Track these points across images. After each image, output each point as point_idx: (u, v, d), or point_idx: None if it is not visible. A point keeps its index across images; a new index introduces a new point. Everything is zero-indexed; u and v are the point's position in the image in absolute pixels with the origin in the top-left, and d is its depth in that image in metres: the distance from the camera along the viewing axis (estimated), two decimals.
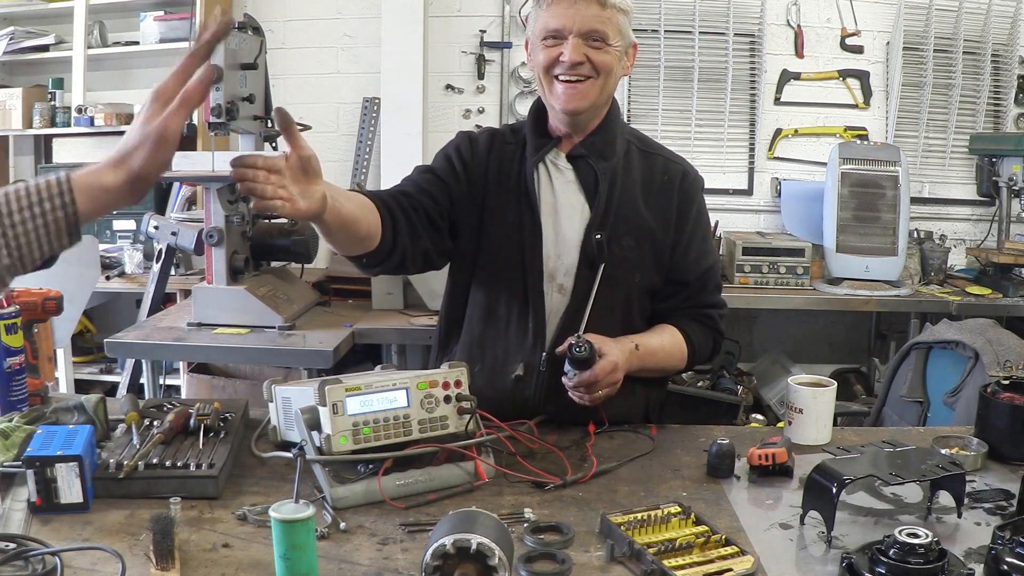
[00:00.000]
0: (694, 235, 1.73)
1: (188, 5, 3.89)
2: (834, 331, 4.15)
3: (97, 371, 3.93)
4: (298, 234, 2.81)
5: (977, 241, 4.06)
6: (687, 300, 1.75)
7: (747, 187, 4.15)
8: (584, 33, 1.57)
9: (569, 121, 1.66)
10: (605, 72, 1.61)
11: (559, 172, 1.70)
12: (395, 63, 3.97)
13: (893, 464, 1.28)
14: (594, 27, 1.57)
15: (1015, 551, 1.04)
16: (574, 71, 1.59)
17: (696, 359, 1.76)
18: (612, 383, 1.56)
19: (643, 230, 1.68)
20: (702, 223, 1.76)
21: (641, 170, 1.71)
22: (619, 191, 1.67)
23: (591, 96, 1.61)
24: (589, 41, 1.58)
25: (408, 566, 1.12)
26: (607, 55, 1.59)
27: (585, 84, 1.60)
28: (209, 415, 1.49)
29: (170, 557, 1.08)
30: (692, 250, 1.72)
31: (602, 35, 1.58)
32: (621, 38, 1.61)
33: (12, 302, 1.57)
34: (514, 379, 1.66)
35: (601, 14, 1.57)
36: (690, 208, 1.72)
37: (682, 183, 1.72)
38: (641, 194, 1.69)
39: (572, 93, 1.60)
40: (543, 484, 1.39)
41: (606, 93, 1.65)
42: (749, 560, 1.12)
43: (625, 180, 1.68)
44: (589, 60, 1.58)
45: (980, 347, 2.07)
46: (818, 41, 4.05)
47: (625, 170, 1.69)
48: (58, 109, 4.08)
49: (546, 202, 1.69)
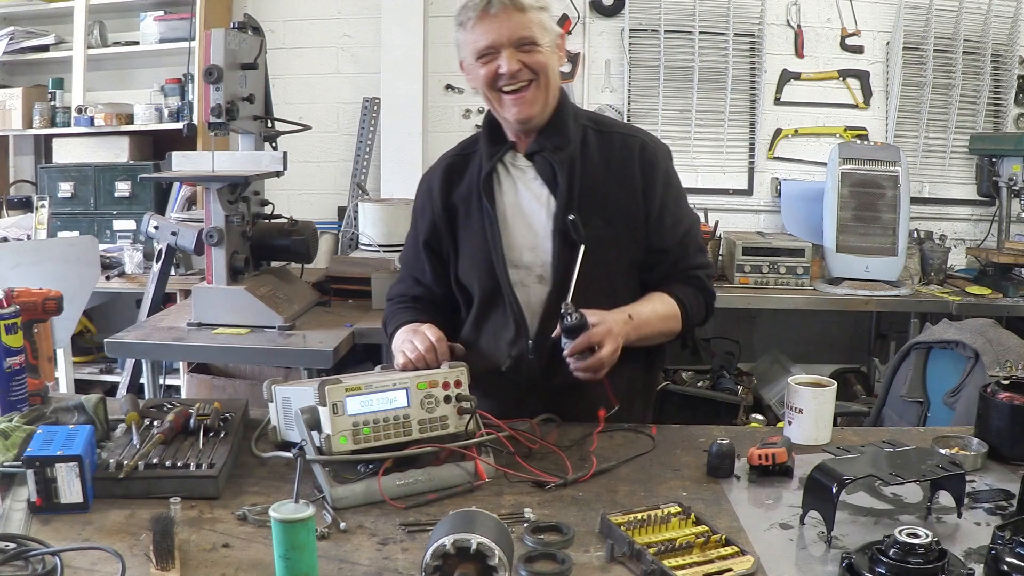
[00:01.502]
0: (665, 202, 1.74)
1: (188, 5, 3.89)
2: (834, 331, 4.15)
3: (97, 371, 3.94)
4: (298, 234, 2.81)
5: (977, 241, 4.06)
6: (672, 266, 1.77)
7: (747, 187, 4.15)
8: (514, 42, 1.63)
9: (524, 129, 1.72)
10: (543, 71, 1.66)
11: (520, 171, 1.75)
12: (395, 63, 3.98)
13: (893, 464, 1.28)
14: (521, 34, 1.63)
15: (1015, 551, 1.04)
16: (515, 79, 1.64)
17: (690, 320, 1.76)
18: (611, 351, 1.55)
19: (611, 208, 1.71)
20: (672, 189, 1.77)
21: (600, 151, 1.74)
22: (580, 176, 1.71)
23: (539, 100, 1.68)
24: (520, 48, 1.64)
25: (408, 566, 1.12)
26: (540, 55, 1.65)
27: (530, 89, 1.66)
28: (209, 415, 1.49)
29: (170, 557, 1.08)
30: (666, 217, 1.75)
31: (530, 39, 1.64)
32: (547, 34, 1.67)
33: (12, 302, 1.57)
34: (504, 370, 1.70)
35: (524, 19, 1.63)
36: (654, 177, 1.74)
37: (642, 154, 1.74)
38: (604, 174, 1.73)
39: (521, 102, 1.66)
40: (543, 483, 1.39)
41: (552, 90, 1.70)
42: (749, 560, 1.12)
43: (585, 165, 1.72)
44: (525, 65, 1.64)
45: (980, 347, 2.07)
46: (818, 41, 4.06)
47: (584, 155, 1.73)
48: (58, 109, 4.09)
49: (510, 202, 1.74)
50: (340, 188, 4.19)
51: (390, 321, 1.82)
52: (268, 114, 2.86)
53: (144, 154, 4.09)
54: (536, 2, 1.65)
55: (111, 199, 3.94)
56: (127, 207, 3.93)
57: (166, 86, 4.06)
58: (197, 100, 3.83)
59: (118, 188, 3.92)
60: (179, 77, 4.04)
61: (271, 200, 2.93)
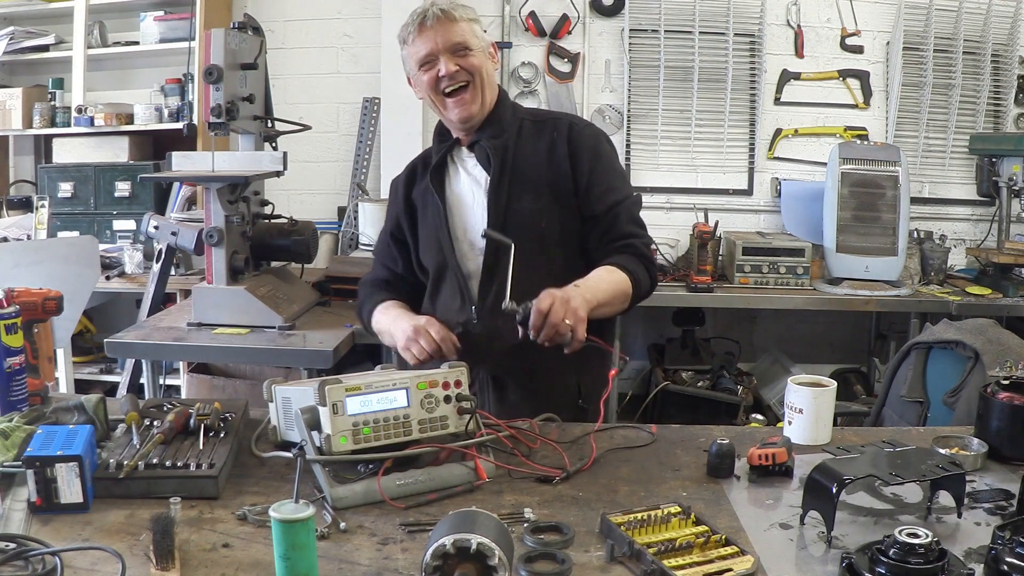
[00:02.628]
0: (593, 174, 1.89)
1: (188, 5, 3.89)
2: (834, 331, 4.15)
3: (97, 371, 3.94)
4: (298, 234, 2.81)
5: (977, 241, 4.06)
6: (603, 235, 1.88)
7: (747, 187, 4.15)
8: (448, 48, 1.82)
9: (464, 128, 1.90)
10: (477, 72, 1.84)
11: (462, 161, 1.95)
12: (395, 63, 3.93)
13: (893, 464, 1.28)
14: (454, 40, 1.82)
15: (1015, 551, 1.04)
16: (454, 80, 1.83)
17: (638, 285, 1.83)
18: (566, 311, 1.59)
19: (539, 183, 1.88)
20: (601, 163, 1.91)
21: (533, 137, 1.92)
22: (512, 159, 1.88)
23: (477, 99, 1.85)
24: (455, 53, 1.82)
25: (408, 566, 1.12)
26: (474, 58, 1.84)
27: (468, 90, 1.84)
28: (209, 415, 1.49)
29: (170, 557, 1.08)
30: (594, 187, 1.88)
31: (463, 44, 1.83)
32: (479, 41, 1.86)
33: (12, 302, 1.57)
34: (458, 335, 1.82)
35: (456, 28, 1.82)
36: (581, 151, 1.89)
37: (570, 133, 1.91)
38: (534, 154, 1.90)
39: (461, 104, 1.85)
40: (546, 479, 1.40)
41: (488, 90, 1.88)
42: (749, 560, 1.12)
43: (518, 148, 1.90)
44: (462, 68, 1.83)
45: (980, 347, 2.07)
46: (818, 41, 4.06)
47: (516, 141, 1.91)
48: (58, 109, 4.09)
49: (454, 192, 1.94)
50: (340, 188, 4.19)
51: (366, 301, 2.01)
52: (268, 114, 2.87)
53: (144, 154, 4.09)
54: (466, 14, 1.86)
55: (111, 199, 3.94)
56: (127, 207, 3.93)
57: (166, 86, 4.06)
58: (197, 100, 3.83)
59: (118, 188, 3.92)
60: (179, 77, 4.04)
61: (271, 200, 2.93)
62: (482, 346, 1.84)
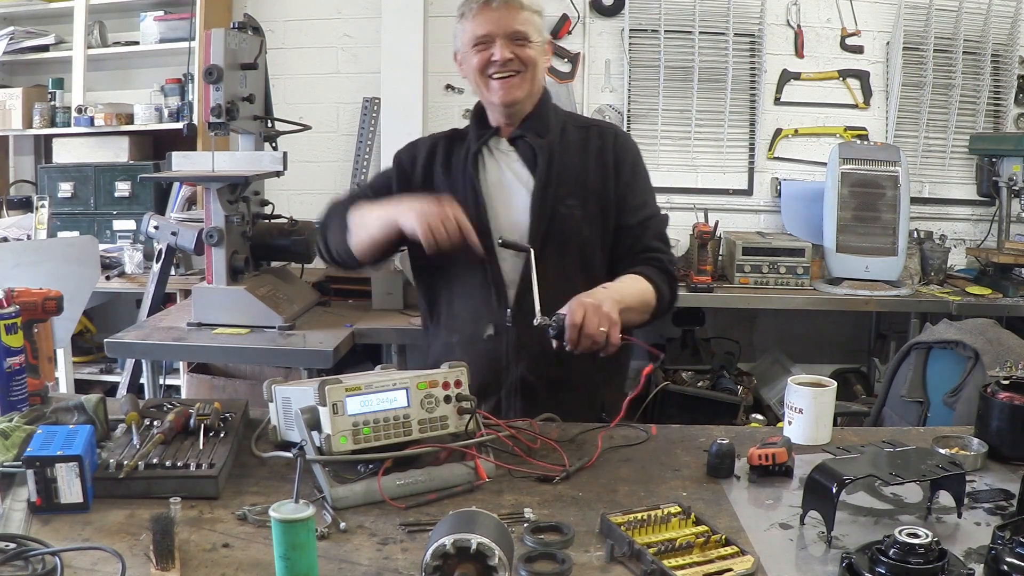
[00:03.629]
0: (631, 185, 1.89)
1: (188, 5, 3.88)
2: (834, 331, 4.15)
3: (97, 371, 3.93)
4: (298, 234, 2.81)
5: (977, 241, 4.06)
6: (632, 244, 1.87)
7: (747, 187, 4.15)
8: (508, 35, 1.78)
9: (506, 112, 1.85)
10: (532, 65, 1.81)
11: (502, 154, 1.90)
12: (395, 63, 3.97)
13: (893, 464, 1.28)
14: (516, 28, 1.78)
15: (1015, 551, 1.04)
16: (505, 68, 1.79)
17: (661, 298, 1.81)
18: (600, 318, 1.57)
19: (586, 190, 1.85)
20: (639, 176, 1.92)
21: (578, 141, 1.90)
22: (558, 161, 1.85)
23: (524, 87, 1.82)
24: (514, 41, 1.79)
25: (408, 566, 1.12)
26: (531, 50, 1.81)
27: (517, 78, 1.80)
28: (209, 415, 1.49)
29: (170, 557, 1.08)
30: (630, 198, 1.89)
31: (524, 35, 1.79)
32: (539, 35, 1.83)
33: (12, 302, 1.57)
34: (487, 339, 1.79)
35: (521, 16, 1.79)
36: (624, 161, 1.90)
37: (615, 142, 1.91)
38: (581, 160, 1.88)
39: (507, 87, 1.80)
40: (547, 478, 1.40)
41: (536, 84, 1.85)
42: (749, 560, 1.12)
43: (563, 151, 1.87)
44: (517, 57, 1.79)
45: (980, 347, 2.07)
46: (818, 41, 4.05)
47: (562, 143, 1.88)
48: (58, 109, 4.08)
49: (493, 181, 1.87)
50: (340, 188, 4.18)
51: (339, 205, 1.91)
52: (268, 114, 2.87)
53: (144, 154, 4.09)
54: (533, 4, 1.82)
55: (111, 199, 3.94)
56: (127, 207, 3.92)
57: (166, 86, 4.06)
58: (197, 100, 3.83)
59: (118, 188, 3.91)
60: (179, 77, 4.03)
61: (271, 200, 2.93)
62: (513, 351, 1.81)
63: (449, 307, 1.90)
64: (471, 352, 1.79)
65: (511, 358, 1.81)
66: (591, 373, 1.80)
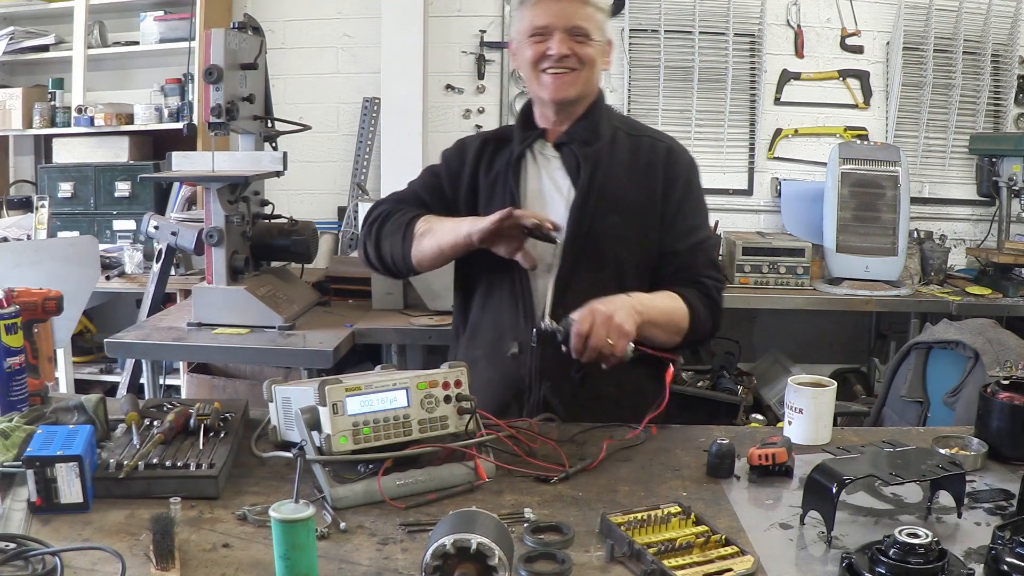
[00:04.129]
0: (681, 207, 1.77)
1: (188, 5, 3.89)
2: (834, 331, 4.15)
3: (97, 371, 3.93)
4: (298, 234, 2.81)
5: (977, 241, 4.06)
6: (679, 270, 1.76)
7: (747, 187, 4.15)
8: (569, 29, 1.68)
9: (557, 110, 1.75)
10: (589, 64, 1.72)
11: (545, 160, 1.79)
12: (395, 63, 3.97)
13: (893, 464, 1.28)
14: (578, 23, 1.68)
15: (1015, 551, 1.04)
16: (561, 63, 1.69)
17: (698, 324, 1.72)
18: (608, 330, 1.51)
19: (629, 208, 1.74)
20: (691, 197, 1.80)
21: (628, 152, 1.78)
22: (603, 173, 1.74)
23: (577, 85, 1.72)
24: (573, 36, 1.69)
25: (408, 566, 1.12)
26: (590, 48, 1.71)
27: (571, 75, 1.71)
28: (209, 415, 1.49)
29: (170, 557, 1.08)
30: (680, 222, 1.77)
31: (585, 31, 1.69)
32: (601, 34, 1.73)
33: (12, 302, 1.57)
34: (511, 357, 1.71)
35: (584, 11, 1.69)
36: (675, 182, 1.77)
37: (667, 159, 1.78)
38: (627, 174, 1.76)
39: (559, 83, 1.70)
40: (546, 478, 1.40)
41: (591, 84, 1.75)
42: (749, 560, 1.12)
43: (610, 162, 1.75)
44: (574, 53, 1.69)
45: (980, 347, 2.07)
46: (818, 41, 4.06)
47: (611, 153, 1.76)
48: (58, 109, 4.09)
49: (532, 188, 1.78)
50: (340, 188, 4.19)
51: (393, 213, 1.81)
52: (268, 114, 2.87)
53: (144, 154, 4.09)
54: (598, 2, 1.72)
55: (111, 199, 3.94)
56: (127, 207, 3.93)
57: (166, 86, 4.06)
58: (197, 100, 3.83)
59: (118, 188, 3.92)
60: (179, 77, 4.04)
61: (271, 200, 2.93)
62: (536, 372, 1.72)
63: (478, 320, 1.82)
64: (494, 368, 1.75)
65: (534, 379, 1.73)
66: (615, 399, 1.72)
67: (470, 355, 1.80)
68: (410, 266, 1.78)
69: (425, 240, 1.73)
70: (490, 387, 1.73)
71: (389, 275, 1.89)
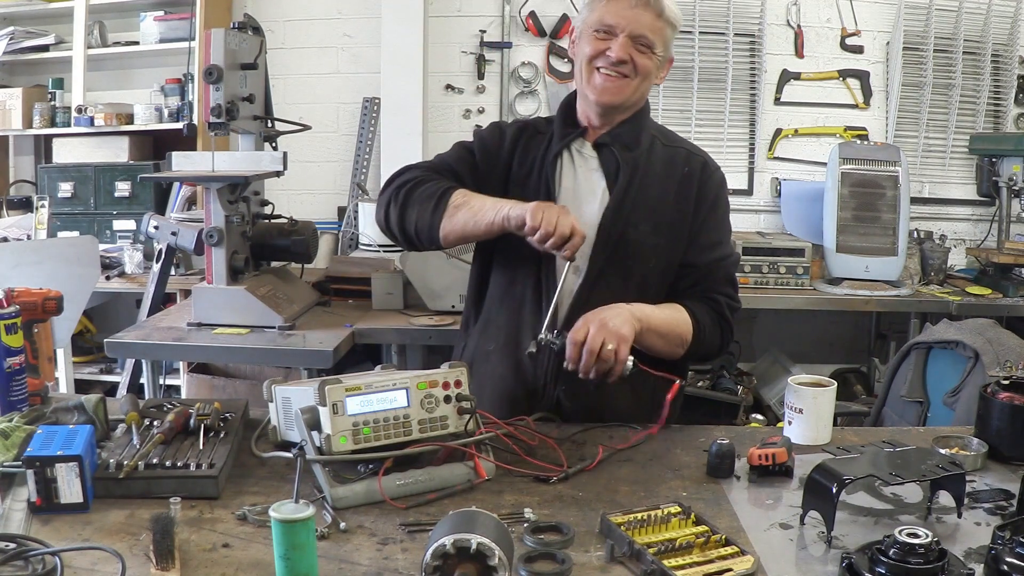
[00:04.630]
0: (707, 221, 1.76)
1: (188, 5, 3.89)
2: (834, 331, 4.15)
3: (97, 371, 3.93)
4: (298, 234, 2.81)
5: (977, 241, 4.06)
6: (695, 284, 1.75)
7: (747, 187, 4.15)
8: (635, 36, 1.65)
9: (600, 112, 1.73)
10: (644, 74, 1.69)
11: (583, 159, 1.77)
12: (395, 63, 3.98)
13: (893, 464, 1.28)
14: (645, 33, 1.65)
15: (1015, 551, 1.04)
16: (616, 68, 1.66)
17: (703, 338, 1.70)
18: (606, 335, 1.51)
19: (662, 217, 1.72)
20: (717, 213, 1.79)
21: (663, 162, 1.76)
22: (639, 180, 1.72)
23: (626, 93, 1.69)
24: (637, 44, 1.66)
25: (408, 566, 1.12)
26: (650, 60, 1.68)
27: (623, 81, 1.68)
28: (209, 415, 1.49)
29: (170, 557, 1.08)
30: (703, 236, 1.75)
31: (650, 42, 1.66)
32: (664, 49, 1.70)
33: (12, 302, 1.57)
34: (527, 356, 1.67)
35: (655, 23, 1.66)
36: (707, 196, 1.77)
37: (702, 173, 1.78)
38: (662, 184, 1.74)
39: (609, 87, 1.68)
40: (545, 478, 1.40)
41: (639, 93, 1.72)
42: (749, 560, 1.12)
43: (647, 170, 1.74)
44: (633, 61, 1.66)
45: (980, 347, 2.07)
46: (818, 41, 4.06)
47: (647, 161, 1.75)
48: (58, 109, 4.09)
49: (566, 187, 1.75)
50: (340, 188, 4.19)
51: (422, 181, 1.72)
52: (268, 114, 2.87)
53: (144, 154, 4.09)
54: (672, 18, 1.69)
55: (111, 199, 3.94)
56: (127, 207, 3.93)
57: (166, 86, 4.06)
58: (197, 100, 3.83)
59: (118, 188, 3.92)
60: (179, 77, 4.04)
61: (271, 200, 2.93)
62: (552, 374, 1.70)
63: (495, 312, 1.78)
64: (507, 364, 1.73)
65: (549, 380, 1.71)
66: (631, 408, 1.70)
67: (483, 349, 1.78)
68: (435, 237, 1.69)
69: (461, 213, 1.66)
70: (503, 383, 1.73)
71: (404, 243, 1.78)
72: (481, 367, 1.75)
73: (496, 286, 1.79)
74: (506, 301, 1.76)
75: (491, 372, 1.74)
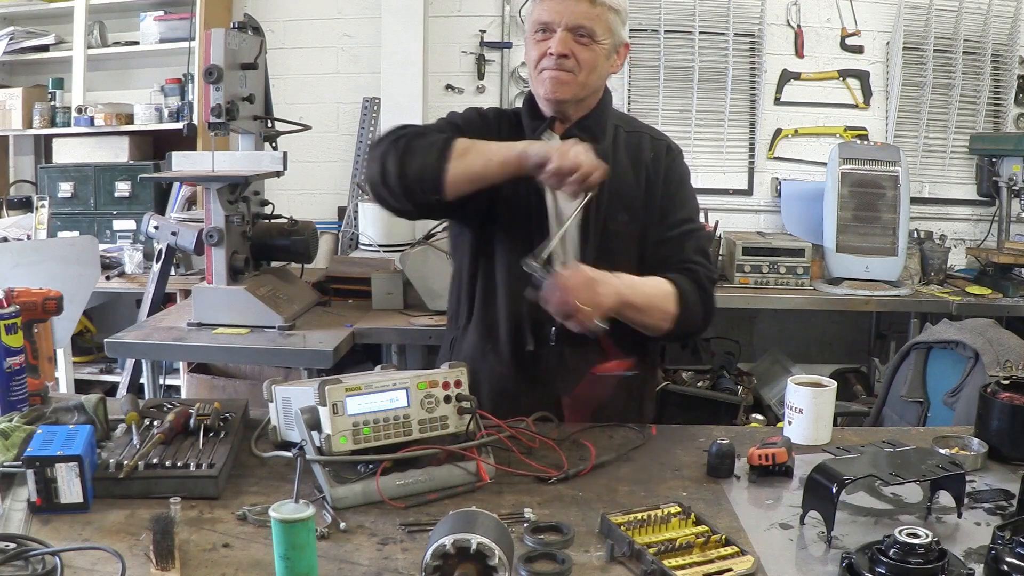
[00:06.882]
0: (673, 199, 1.76)
1: (188, 5, 3.89)
2: (834, 331, 4.15)
3: (97, 371, 3.93)
4: (298, 234, 2.81)
5: (977, 241, 4.06)
6: (669, 256, 1.73)
7: (747, 187, 4.15)
8: (572, 28, 1.61)
9: (554, 109, 1.71)
10: (588, 68, 1.65)
11: None
12: (395, 63, 3.98)
13: (893, 464, 1.28)
14: (582, 23, 1.61)
15: (1015, 551, 1.04)
16: (556, 64, 1.63)
17: (687, 307, 1.67)
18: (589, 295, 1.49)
19: (635, 204, 1.73)
20: (683, 191, 1.79)
21: (628, 150, 1.76)
22: (610, 170, 1.68)
23: (573, 88, 1.66)
24: (576, 36, 1.62)
25: (408, 566, 1.12)
26: (592, 52, 1.64)
27: (567, 76, 1.64)
28: (209, 415, 1.49)
29: (170, 557, 1.08)
30: (671, 212, 1.75)
31: (589, 31, 1.62)
32: (610, 36, 1.65)
33: (12, 302, 1.57)
34: (528, 353, 1.65)
35: (590, 11, 1.61)
36: (672, 176, 1.77)
37: (667, 156, 1.78)
38: (632, 171, 1.75)
39: (555, 83, 1.64)
40: (544, 478, 1.40)
41: (588, 87, 1.69)
42: (749, 560, 1.12)
43: (615, 161, 1.72)
44: (574, 55, 1.63)
45: (980, 347, 2.07)
46: (818, 41, 4.06)
47: (614, 152, 1.74)
48: (58, 109, 4.09)
49: None
50: (340, 188, 4.19)
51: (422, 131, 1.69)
52: (268, 114, 2.86)
53: (144, 154, 4.09)
54: (610, 2, 1.63)
55: (111, 199, 3.94)
56: (127, 207, 3.93)
57: (166, 86, 4.06)
58: (197, 100, 3.83)
59: (118, 188, 3.92)
60: (179, 77, 4.04)
61: (271, 200, 2.93)
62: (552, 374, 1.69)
63: (489, 305, 1.75)
64: (505, 363, 1.72)
65: (548, 380, 1.69)
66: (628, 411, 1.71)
67: (479, 346, 1.77)
68: (439, 185, 1.59)
69: (469, 157, 1.59)
70: (502, 382, 1.72)
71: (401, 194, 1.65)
72: (480, 365, 1.75)
73: (488, 283, 1.76)
74: (507, 292, 1.74)
75: (490, 369, 1.74)
